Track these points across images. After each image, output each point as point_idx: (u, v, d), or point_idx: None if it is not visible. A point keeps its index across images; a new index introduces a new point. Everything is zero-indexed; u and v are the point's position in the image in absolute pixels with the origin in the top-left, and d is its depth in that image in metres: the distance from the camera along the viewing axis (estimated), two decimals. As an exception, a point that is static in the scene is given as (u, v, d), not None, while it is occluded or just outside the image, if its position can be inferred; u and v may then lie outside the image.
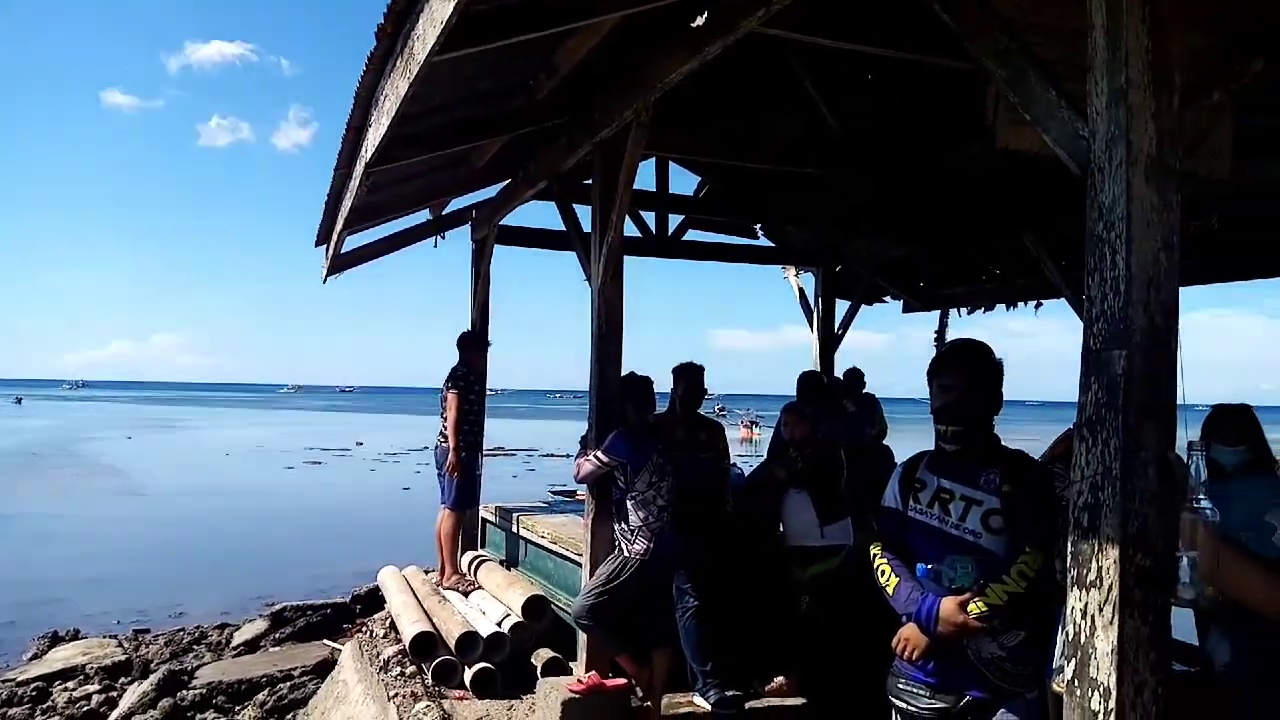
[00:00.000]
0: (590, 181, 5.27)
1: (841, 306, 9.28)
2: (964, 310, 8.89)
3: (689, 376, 5.63)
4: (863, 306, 9.24)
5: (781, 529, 5.74)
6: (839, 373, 8.50)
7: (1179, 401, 2.11)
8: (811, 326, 9.16)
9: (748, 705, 5.33)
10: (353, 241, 7.55)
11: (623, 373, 5.16)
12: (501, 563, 7.36)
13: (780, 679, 5.52)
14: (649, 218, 8.45)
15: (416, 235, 7.88)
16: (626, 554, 4.85)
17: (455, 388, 6.89)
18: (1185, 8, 3.46)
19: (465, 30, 3.01)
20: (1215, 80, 2.10)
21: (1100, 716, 2.03)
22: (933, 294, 9.14)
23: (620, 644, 5.01)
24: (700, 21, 3.58)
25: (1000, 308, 8.43)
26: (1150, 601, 2.02)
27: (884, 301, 9.71)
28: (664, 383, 5.90)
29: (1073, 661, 2.11)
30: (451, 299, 7.99)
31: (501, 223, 7.43)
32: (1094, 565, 2.05)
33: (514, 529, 7.15)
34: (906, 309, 9.54)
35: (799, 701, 5.45)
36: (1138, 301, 1.98)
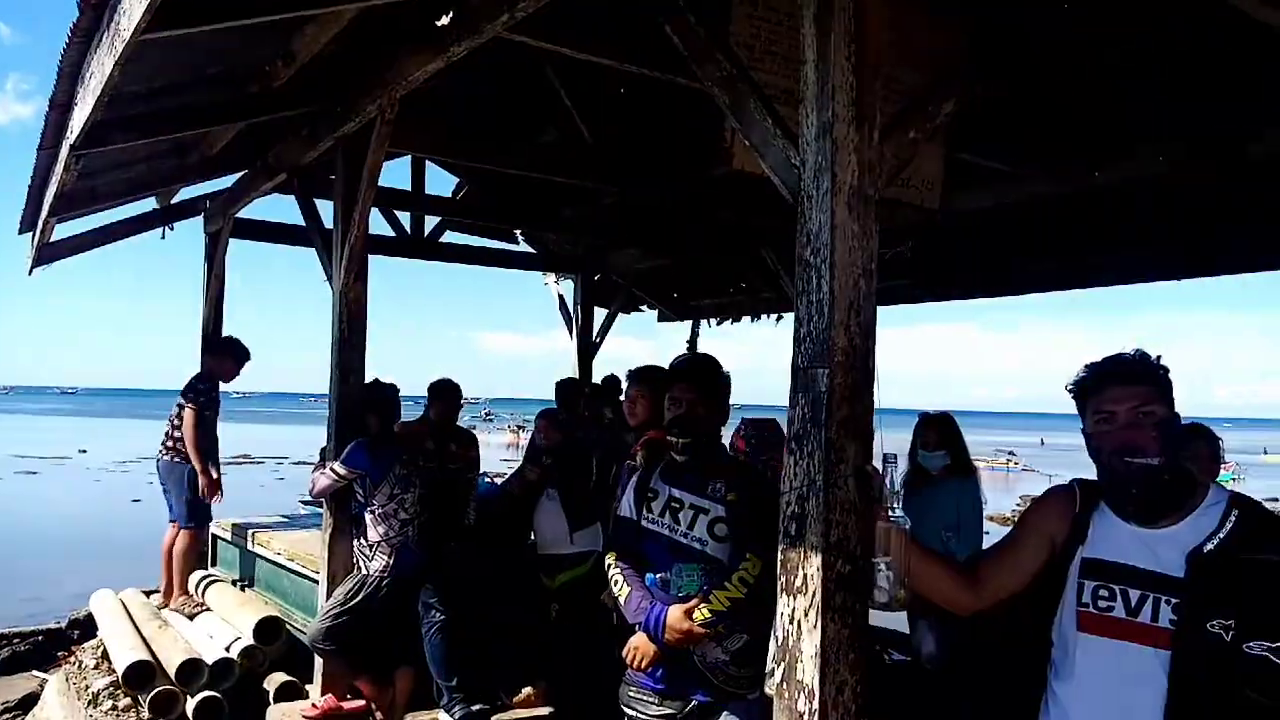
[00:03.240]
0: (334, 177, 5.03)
1: (601, 314, 9.42)
2: (713, 321, 9.28)
3: (447, 397, 5.48)
4: (620, 315, 9.42)
5: (533, 537, 5.72)
6: (598, 379, 8.62)
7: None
8: (571, 333, 9.23)
9: (495, 719, 5.26)
10: (67, 229, 6.79)
11: (367, 379, 4.95)
12: (234, 582, 6.86)
13: (528, 689, 5.48)
14: (405, 217, 8.20)
15: (141, 225, 7.20)
16: (366, 571, 4.64)
17: (194, 404, 6.26)
18: (896, 47, 3.77)
19: (177, 8, 2.76)
20: (912, 119, 2.26)
21: (805, 717, 2.13)
22: (684, 305, 9.48)
23: (360, 665, 4.78)
24: (445, 21, 3.49)
25: (746, 319, 8.87)
26: (849, 605, 2.14)
27: (641, 310, 9.96)
28: (413, 388, 5.72)
29: (781, 665, 2.21)
30: (192, 294, 7.31)
31: (239, 215, 6.93)
32: (800, 572, 2.16)
33: (248, 545, 6.68)
34: (661, 318, 9.84)
35: (546, 711, 5.43)
36: (839, 323, 2.10)
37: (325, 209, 5.42)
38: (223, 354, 6.61)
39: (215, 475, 6.30)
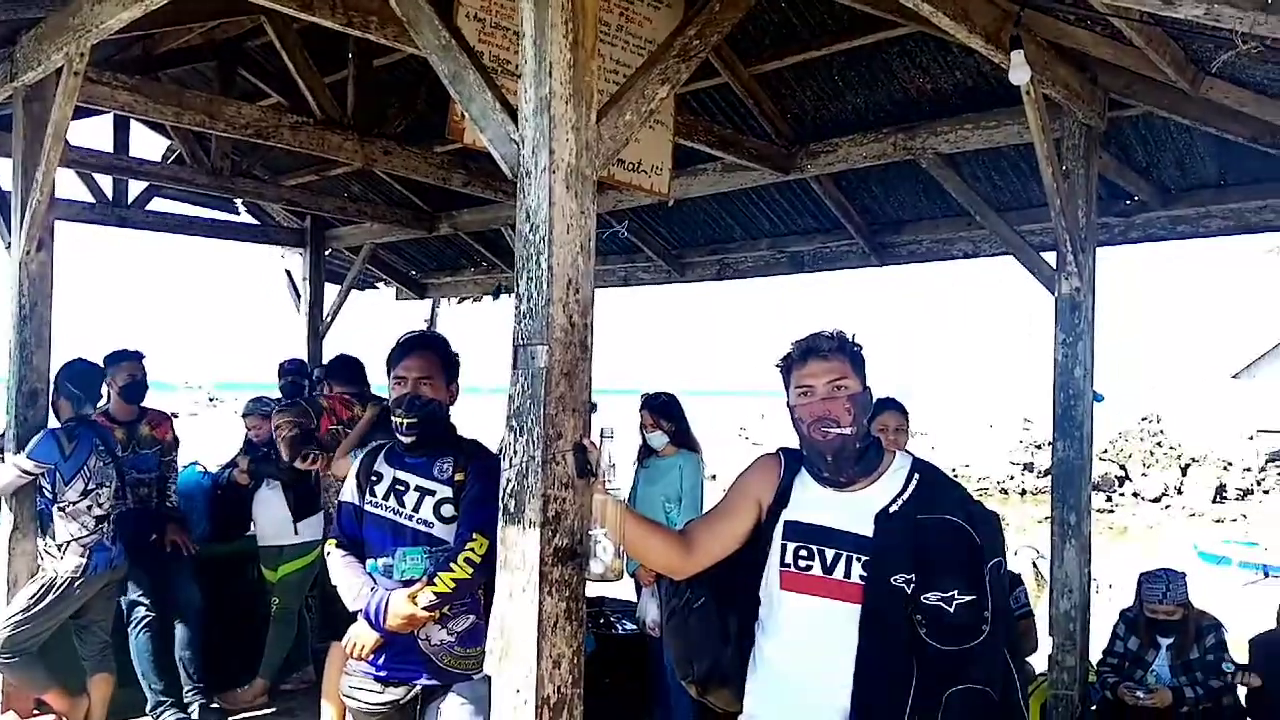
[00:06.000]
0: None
1: (333, 292, 8.94)
2: (453, 300, 9.11)
3: (125, 365, 4.94)
4: (355, 293, 9.00)
5: (254, 528, 5.40)
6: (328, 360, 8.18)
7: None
8: (299, 311, 8.72)
9: (213, 722, 4.93)
10: None
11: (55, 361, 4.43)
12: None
13: (248, 687, 5.19)
14: (106, 182, 7.40)
15: None
16: (54, 573, 4.17)
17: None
18: (625, 30, 3.86)
19: None
20: (628, 101, 2.32)
21: (522, 692, 2.15)
22: (423, 284, 9.24)
23: (48, 677, 4.30)
24: (140, -36, 3.16)
25: (487, 298, 8.77)
26: (566, 579, 2.18)
27: (376, 288, 9.60)
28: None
29: (500, 641, 2.22)
30: None
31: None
32: (518, 547, 2.17)
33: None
34: (400, 297, 9.53)
35: (270, 710, 5.17)
36: (558, 300, 2.12)
37: (6, 168, 4.80)
38: None
39: None
